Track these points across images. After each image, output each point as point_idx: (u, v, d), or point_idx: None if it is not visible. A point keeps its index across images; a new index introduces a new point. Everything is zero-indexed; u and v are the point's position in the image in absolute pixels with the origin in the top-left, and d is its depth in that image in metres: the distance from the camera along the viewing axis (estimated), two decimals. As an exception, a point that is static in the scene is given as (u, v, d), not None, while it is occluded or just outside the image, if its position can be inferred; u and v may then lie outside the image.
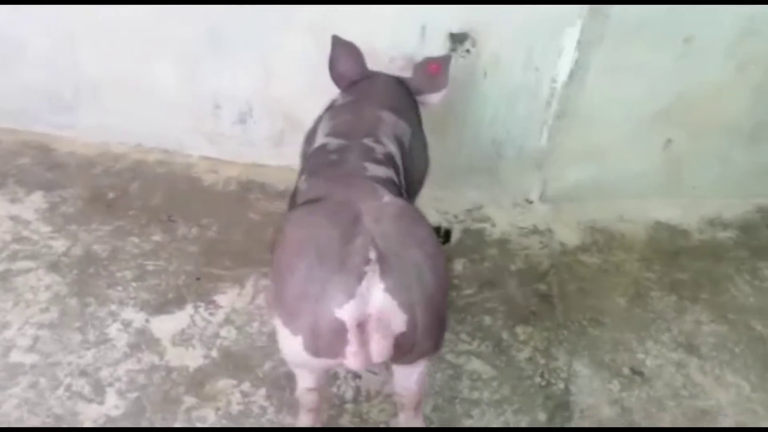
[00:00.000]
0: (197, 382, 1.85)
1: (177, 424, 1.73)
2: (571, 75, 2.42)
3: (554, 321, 2.16)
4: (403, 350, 1.35)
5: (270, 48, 2.51)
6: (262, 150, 2.75)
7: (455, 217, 2.62)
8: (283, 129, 2.69)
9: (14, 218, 2.38)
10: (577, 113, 2.52)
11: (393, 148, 1.77)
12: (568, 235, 2.58)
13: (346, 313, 1.28)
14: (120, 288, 2.13)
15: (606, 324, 2.17)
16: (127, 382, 1.83)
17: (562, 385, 1.93)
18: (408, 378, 1.54)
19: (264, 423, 1.75)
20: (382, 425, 1.77)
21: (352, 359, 1.32)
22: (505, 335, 2.09)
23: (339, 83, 2.12)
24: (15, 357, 1.87)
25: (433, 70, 2.13)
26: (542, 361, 2.01)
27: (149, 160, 2.77)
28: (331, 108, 1.97)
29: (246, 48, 2.51)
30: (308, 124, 2.63)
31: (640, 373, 2.00)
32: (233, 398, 1.81)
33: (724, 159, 2.75)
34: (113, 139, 2.82)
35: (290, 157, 2.73)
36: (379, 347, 1.31)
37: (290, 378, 1.84)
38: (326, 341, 1.32)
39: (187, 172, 2.72)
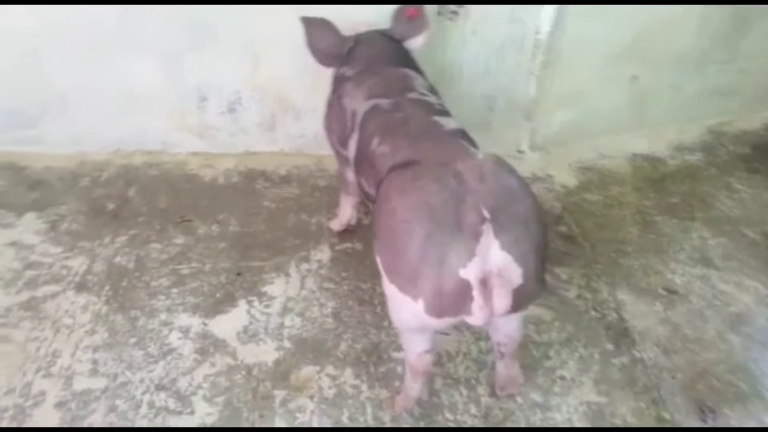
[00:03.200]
0: (281, 374, 1.82)
1: (277, 419, 1.70)
2: (553, 24, 2.52)
3: (586, 258, 2.29)
4: (520, 300, 1.41)
5: (256, 33, 2.43)
6: (254, 137, 2.68)
7: (458, 176, 2.69)
8: (274, 113, 2.64)
9: (15, 244, 2.20)
10: (559, 61, 2.64)
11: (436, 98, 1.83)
12: (566, 178, 2.72)
13: (469, 272, 1.34)
14: (162, 297, 2.04)
15: (630, 253, 2.33)
16: (209, 387, 1.78)
17: (615, 315, 2.07)
18: (510, 325, 1.62)
19: (362, 400, 1.76)
20: (472, 381, 1.83)
21: (478, 314, 1.37)
22: (549, 278, 2.19)
23: (324, 62, 2.14)
24: (80, 384, 1.76)
25: (412, 14, 2.18)
26: (589, 296, 2.14)
27: (135, 163, 2.63)
28: (346, 80, 1.97)
29: (231, 36, 2.43)
30: (301, 104, 2.63)
31: (675, 292, 2.18)
32: (323, 383, 1.80)
33: (676, 87, 2.99)
34: (88, 148, 2.65)
35: (283, 141, 2.72)
36: (502, 301, 1.36)
37: (370, 353, 1.89)
38: (450, 301, 1.37)
39: (182, 171, 2.61)
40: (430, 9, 2.43)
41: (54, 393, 1.74)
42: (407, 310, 1.43)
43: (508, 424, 1.73)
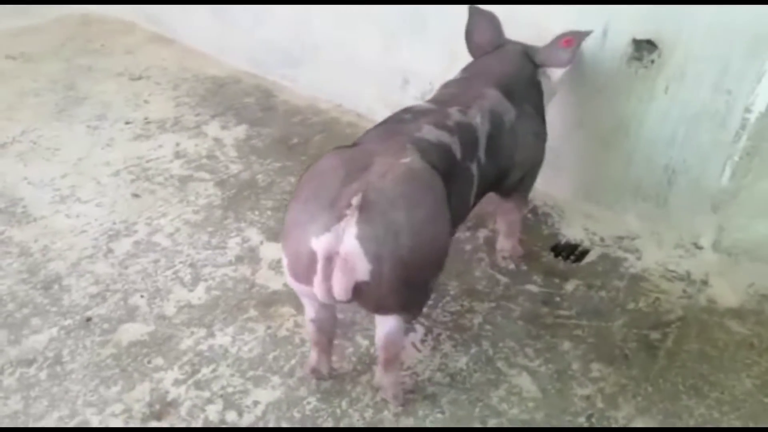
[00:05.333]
0: (267, 302, 2.05)
1: (231, 328, 1.95)
2: (771, 106, 2.02)
3: (644, 373, 1.87)
4: (365, 297, 1.42)
5: (456, 32, 2.56)
6: (435, 130, 2.84)
7: (601, 240, 2.39)
8: (457, 113, 2.74)
9: (216, 140, 2.87)
10: (774, 155, 2.10)
11: (478, 120, 1.78)
12: (727, 295, 2.17)
13: (319, 244, 1.39)
14: (257, 213, 2.44)
15: (709, 398, 1.81)
16: (217, 282, 2.12)
17: (607, 436, 1.69)
18: (378, 329, 1.59)
19: (297, 353, 1.88)
20: (394, 396, 1.77)
21: (317, 287, 1.42)
22: (575, 365, 1.88)
23: (475, 53, 2.17)
24: (156, 238, 2.29)
25: (563, 44, 2.06)
26: (601, 405, 1.77)
27: (342, 119, 3.07)
28: (445, 83, 2.01)
29: (437, 29, 2.63)
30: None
31: (717, 463, 1.64)
32: (286, 324, 1.97)
33: None
34: (322, 96, 3.19)
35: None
36: (338, 284, 1.39)
37: (343, 326, 1.96)
38: (302, 267, 1.44)
39: (365, 136, 2.94)
40: (624, 52, 2.23)
41: (141, 234, 2.30)
42: (283, 266, 1.53)
43: (390, 452, 1.65)
